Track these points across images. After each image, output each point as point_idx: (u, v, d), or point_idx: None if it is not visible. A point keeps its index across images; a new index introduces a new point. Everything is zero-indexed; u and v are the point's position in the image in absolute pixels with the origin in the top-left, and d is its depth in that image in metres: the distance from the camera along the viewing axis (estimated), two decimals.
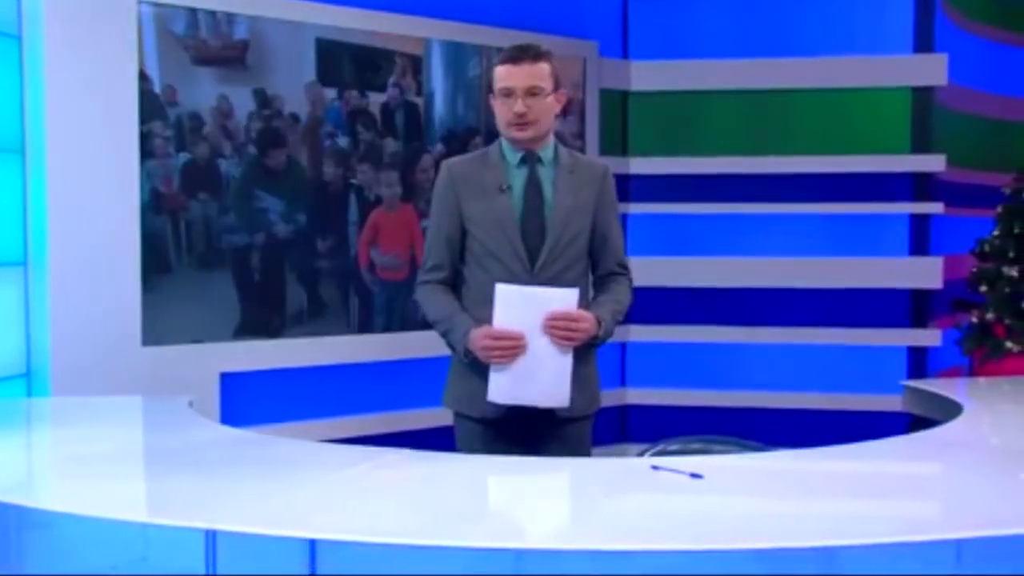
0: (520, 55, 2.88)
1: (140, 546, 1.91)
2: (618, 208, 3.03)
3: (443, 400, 3.01)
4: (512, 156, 2.92)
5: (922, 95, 5.66)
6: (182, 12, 4.14)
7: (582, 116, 5.50)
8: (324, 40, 4.58)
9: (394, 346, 4.86)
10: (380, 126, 4.81)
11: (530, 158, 2.91)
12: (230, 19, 4.25)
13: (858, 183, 5.65)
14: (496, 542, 1.83)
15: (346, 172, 4.72)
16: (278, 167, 4.47)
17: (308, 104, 4.56)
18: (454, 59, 5.03)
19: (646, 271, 3.03)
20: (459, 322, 2.87)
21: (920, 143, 5.67)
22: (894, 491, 2.33)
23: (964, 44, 6.13)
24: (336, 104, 4.66)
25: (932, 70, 5.61)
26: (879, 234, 5.69)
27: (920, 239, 5.69)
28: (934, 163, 5.63)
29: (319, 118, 4.59)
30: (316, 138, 4.60)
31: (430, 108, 4.98)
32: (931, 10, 5.67)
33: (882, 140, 5.67)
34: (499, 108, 2.90)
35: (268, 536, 1.84)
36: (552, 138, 2.96)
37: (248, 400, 4.44)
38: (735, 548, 1.77)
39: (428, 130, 4.97)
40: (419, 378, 4.73)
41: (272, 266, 4.49)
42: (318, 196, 4.64)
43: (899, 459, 2.61)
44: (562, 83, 2.97)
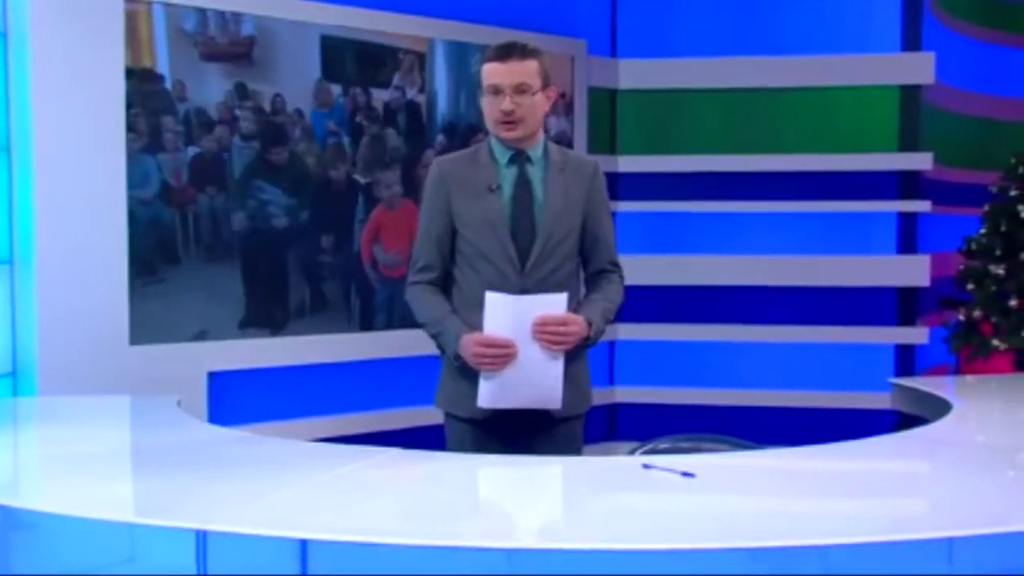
0: (508, 52, 2.85)
1: (128, 546, 1.90)
2: (609, 205, 3.02)
3: (435, 400, 3.00)
4: (502, 155, 2.89)
5: (909, 93, 5.68)
6: (192, 10, 4.19)
7: (570, 114, 5.49)
8: (329, 37, 4.64)
9: (383, 344, 4.85)
10: (383, 123, 4.85)
11: (519, 157, 2.89)
12: (237, 17, 4.31)
13: (846, 181, 5.67)
14: (488, 541, 1.83)
15: (349, 169, 4.76)
16: (281, 162, 4.52)
17: (313, 100, 4.61)
18: (457, 57, 5.04)
19: (634, 269, 3.03)
20: (450, 325, 2.85)
21: (907, 141, 5.69)
22: (886, 489, 2.33)
23: (951, 43, 6.15)
24: (340, 101, 4.70)
25: (919, 69, 5.63)
26: (867, 232, 5.71)
27: (907, 237, 5.71)
28: (921, 161, 5.64)
29: (323, 114, 4.64)
30: (320, 134, 4.64)
31: (433, 106, 5.01)
32: (919, 9, 5.69)
33: (870, 138, 5.69)
34: (487, 106, 2.87)
35: (259, 536, 1.83)
36: (542, 135, 2.93)
37: (236, 399, 4.42)
38: (728, 547, 1.77)
39: (431, 127, 5.01)
40: (411, 376, 4.73)
41: (276, 261, 4.53)
42: (321, 192, 4.68)
43: (890, 457, 2.61)
44: (552, 80, 2.95)
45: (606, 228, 2.98)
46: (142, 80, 4.13)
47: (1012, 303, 5.86)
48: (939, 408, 3.32)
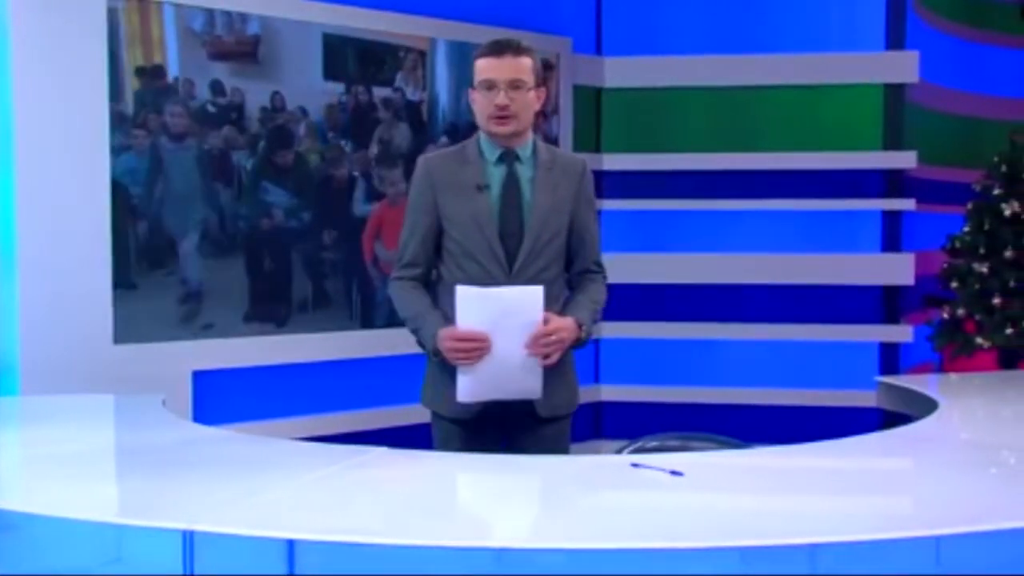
0: (503, 48, 2.84)
1: (114, 547, 1.88)
2: (596, 205, 3.01)
3: (420, 398, 2.99)
4: (491, 153, 2.88)
5: (893, 92, 5.70)
6: (200, 11, 4.27)
7: (556, 112, 5.49)
8: (331, 36, 4.69)
9: (370, 343, 4.85)
10: (385, 121, 4.90)
11: (508, 156, 2.87)
12: (243, 17, 4.39)
13: (830, 179, 5.68)
14: (476, 541, 1.82)
15: (351, 166, 4.80)
16: (285, 160, 4.59)
17: (316, 98, 4.66)
18: (458, 57, 5.08)
19: (619, 267, 3.02)
20: (430, 321, 2.83)
21: (892, 140, 5.70)
22: (874, 487, 2.33)
23: (935, 42, 6.18)
24: (343, 99, 4.76)
25: (903, 67, 5.65)
26: (851, 230, 5.72)
27: (892, 235, 5.72)
28: (905, 160, 5.66)
29: (326, 112, 4.70)
30: (323, 132, 4.71)
31: (435, 104, 5.06)
32: (902, 8, 5.71)
33: (854, 137, 5.70)
34: (480, 101, 2.85)
35: (246, 536, 1.82)
36: (531, 134, 2.92)
37: (222, 398, 4.40)
38: (717, 546, 1.76)
39: (432, 126, 5.05)
40: (399, 374, 4.72)
41: (279, 257, 4.59)
42: (324, 189, 4.72)
43: (878, 455, 2.61)
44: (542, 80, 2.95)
45: (592, 228, 2.98)
46: (153, 78, 4.19)
47: (996, 301, 5.89)
48: (924, 406, 3.32)
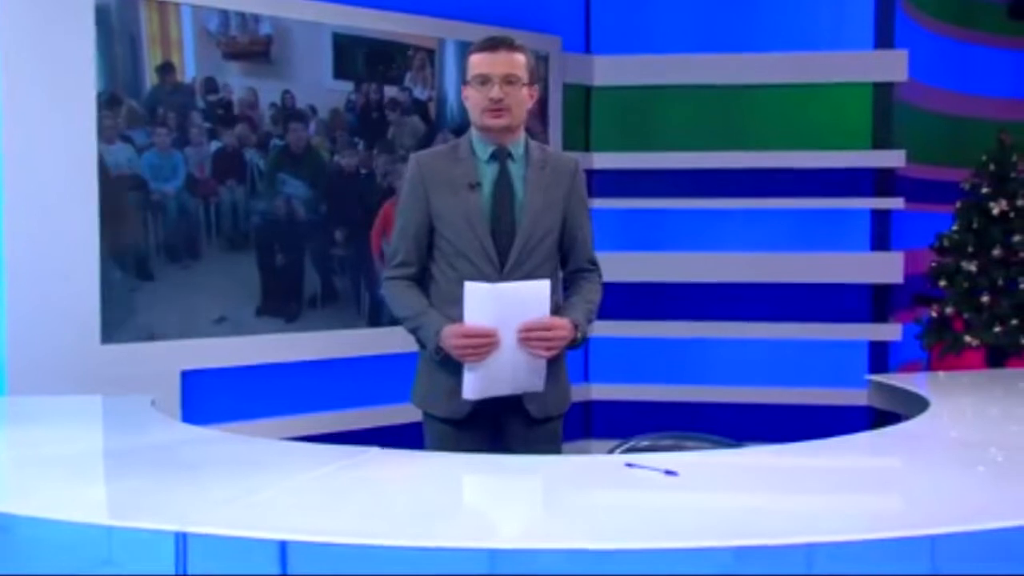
0: (498, 44, 2.84)
1: (105, 550, 1.86)
2: (588, 203, 3.00)
3: (411, 398, 2.98)
4: (483, 151, 2.87)
5: (883, 91, 5.70)
6: (215, 12, 4.36)
7: (545, 111, 5.48)
8: (341, 36, 4.77)
9: (358, 342, 4.84)
10: (394, 120, 4.97)
11: (500, 154, 2.86)
12: (256, 17, 4.49)
13: (819, 178, 5.69)
14: (470, 542, 1.81)
15: (360, 164, 4.85)
16: (296, 158, 4.66)
17: (326, 97, 4.74)
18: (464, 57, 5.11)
19: (608, 266, 3.02)
20: (430, 320, 2.82)
21: (881, 139, 5.71)
22: (870, 487, 2.33)
23: (924, 41, 6.19)
24: (353, 97, 4.82)
25: (893, 66, 5.66)
26: (841, 229, 5.73)
27: (881, 234, 5.73)
28: (895, 159, 5.67)
29: (336, 110, 4.77)
30: (333, 130, 4.78)
31: (443, 102, 5.09)
32: (891, 7, 5.72)
33: (843, 136, 5.71)
34: (474, 95, 2.85)
35: (239, 538, 1.80)
36: (523, 133, 2.91)
37: (211, 398, 4.38)
38: (713, 546, 1.75)
39: (440, 124, 5.09)
40: (388, 373, 4.71)
41: (291, 252, 4.67)
42: (335, 187, 4.79)
43: (873, 454, 2.62)
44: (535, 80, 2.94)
45: (585, 227, 2.97)
46: (171, 78, 4.27)
47: (984, 299, 5.91)
48: (914, 404, 3.33)
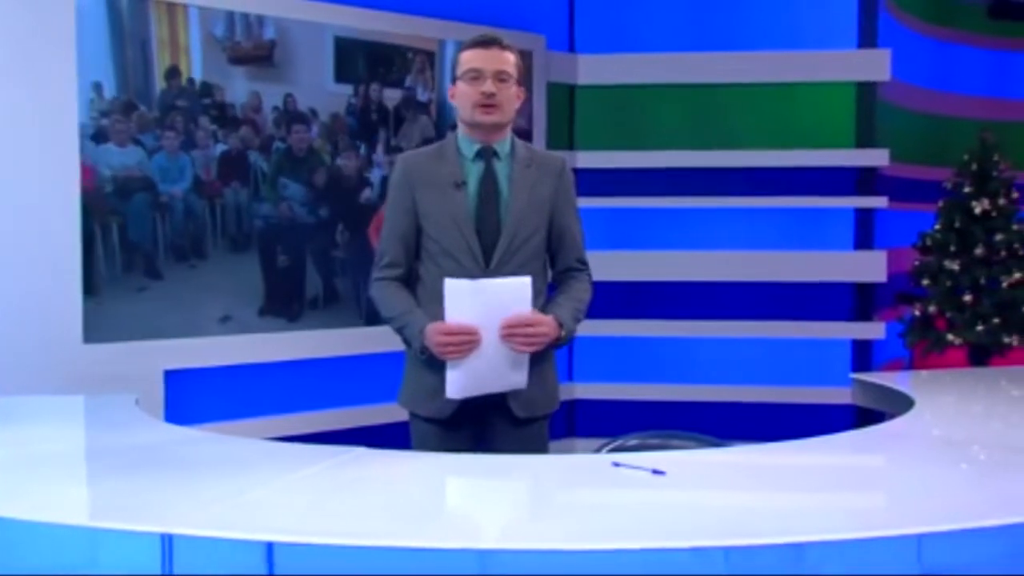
0: (490, 41, 2.83)
1: (90, 552, 1.84)
2: (576, 203, 2.98)
3: (398, 398, 2.96)
4: (468, 149, 2.86)
5: (866, 90, 5.73)
6: (221, 16, 4.47)
7: (529, 110, 5.48)
8: (342, 39, 4.87)
9: (345, 342, 4.83)
10: (394, 122, 5.03)
11: (486, 152, 2.85)
12: (260, 21, 4.59)
13: (803, 177, 5.70)
14: (459, 542, 1.80)
15: (361, 166, 4.91)
16: (298, 160, 4.76)
17: (328, 99, 4.84)
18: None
19: (592, 265, 3.02)
20: (414, 319, 2.81)
21: (864, 138, 5.73)
22: (858, 485, 2.34)
23: (906, 40, 6.22)
24: (354, 100, 4.93)
25: (876, 65, 5.68)
26: (824, 228, 5.75)
27: (864, 233, 5.75)
28: (878, 157, 5.69)
29: (338, 114, 4.87)
30: (334, 133, 4.88)
31: (443, 104, 5.13)
32: (874, 6, 5.74)
33: (827, 134, 5.73)
34: (465, 91, 2.83)
35: (225, 539, 1.79)
36: (510, 132, 2.90)
37: (194, 398, 4.36)
38: (703, 545, 1.75)
39: (441, 125, 5.13)
40: (372, 373, 4.71)
41: (293, 254, 4.77)
42: (336, 189, 4.84)
43: (861, 452, 2.61)
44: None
45: (573, 226, 2.95)
46: (178, 82, 4.38)
47: (966, 298, 5.94)
48: (898, 403, 3.33)
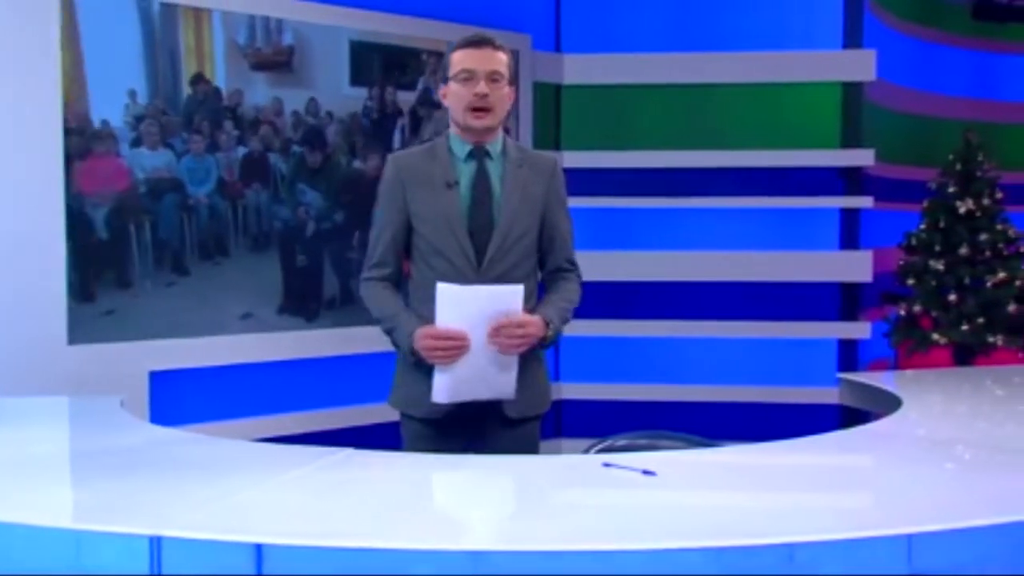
0: (482, 41, 2.82)
1: (77, 554, 1.83)
2: (567, 203, 2.98)
3: (389, 399, 2.95)
4: (460, 149, 2.85)
5: (851, 90, 5.74)
6: (243, 22, 4.59)
7: (515, 110, 5.47)
8: (357, 43, 4.96)
9: (331, 342, 4.83)
10: (409, 123, 5.09)
11: (478, 152, 2.84)
12: (279, 26, 4.72)
13: (789, 177, 5.71)
14: (450, 544, 1.79)
15: (377, 167, 4.87)
16: (316, 162, 4.86)
17: (344, 103, 4.93)
18: None
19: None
20: (404, 320, 2.80)
21: (850, 138, 5.74)
22: (848, 485, 2.34)
23: (892, 41, 6.24)
24: (369, 103, 5.02)
25: (861, 65, 5.69)
26: (810, 228, 5.75)
27: (850, 233, 5.76)
28: (863, 157, 5.70)
29: (354, 116, 4.96)
30: (349, 135, 4.96)
31: None
32: (859, 7, 5.75)
33: (812, 134, 5.73)
34: (457, 92, 2.81)
35: (213, 541, 1.78)
36: (501, 132, 2.89)
37: (179, 399, 4.34)
38: (695, 546, 1.74)
39: None
40: (359, 373, 4.70)
41: (311, 255, 4.85)
42: (353, 190, 4.91)
43: (850, 452, 2.62)
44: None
45: (564, 226, 2.95)
46: (203, 87, 4.50)
47: (951, 298, 5.97)
48: (885, 403, 3.34)
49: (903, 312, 6.09)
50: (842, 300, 5.78)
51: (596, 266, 5.56)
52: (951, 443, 2.68)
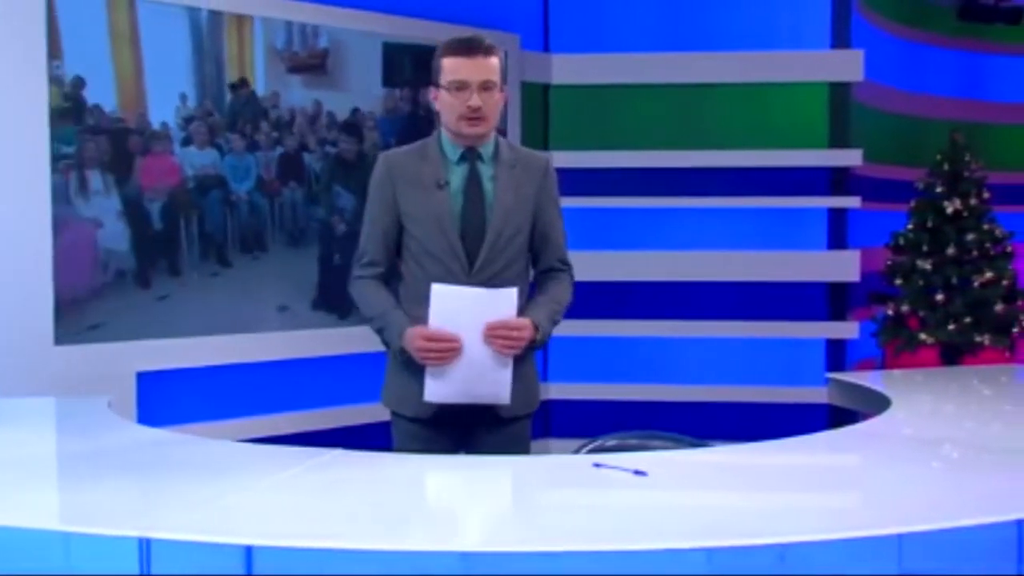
0: (474, 48, 2.77)
1: (65, 556, 1.82)
2: (560, 202, 2.96)
3: (381, 398, 2.94)
4: (452, 152, 2.83)
5: (839, 90, 5.75)
6: (281, 27, 4.82)
7: (504, 110, 5.47)
8: (390, 45, 5.15)
9: (319, 342, 4.81)
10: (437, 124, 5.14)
11: (470, 155, 2.82)
12: (315, 31, 4.94)
13: (777, 177, 5.71)
14: (440, 544, 1.79)
15: None
16: (349, 164, 5.05)
17: (377, 104, 5.14)
18: None
19: None
20: (394, 319, 2.79)
21: (837, 138, 5.75)
22: (839, 485, 2.35)
23: (879, 42, 6.25)
24: (401, 103, 5.21)
25: (849, 66, 5.70)
26: (797, 228, 5.76)
27: (838, 233, 5.77)
28: (851, 158, 5.71)
29: (386, 117, 5.16)
30: (384, 134, 5.12)
31: None
32: (847, 7, 5.76)
33: (800, 134, 5.74)
34: (449, 101, 2.78)
35: (203, 543, 1.77)
36: (493, 133, 2.88)
37: (166, 400, 4.32)
38: (687, 546, 1.74)
39: None
40: (350, 373, 4.69)
41: (343, 252, 4.92)
42: None
43: (840, 452, 2.63)
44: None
45: (556, 226, 2.93)
46: (244, 91, 4.74)
47: (939, 297, 5.98)
48: (873, 402, 3.35)
49: (891, 312, 6.10)
50: (830, 300, 5.79)
51: (583, 266, 5.49)
52: (939, 443, 2.69)
